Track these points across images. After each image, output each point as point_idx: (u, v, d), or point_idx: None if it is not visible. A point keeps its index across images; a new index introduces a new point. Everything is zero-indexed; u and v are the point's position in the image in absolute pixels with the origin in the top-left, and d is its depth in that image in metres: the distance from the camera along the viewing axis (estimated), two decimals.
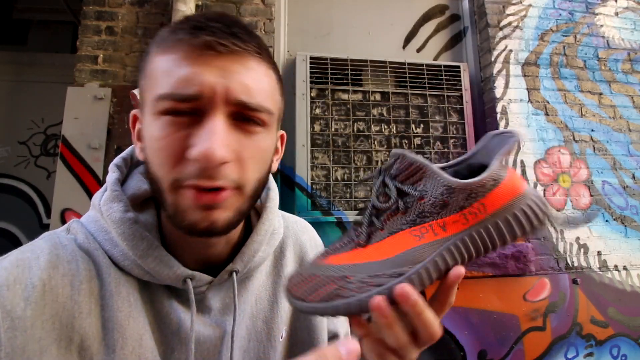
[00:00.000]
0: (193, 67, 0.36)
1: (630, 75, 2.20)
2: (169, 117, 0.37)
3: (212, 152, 0.35)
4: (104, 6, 1.77)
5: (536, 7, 2.16)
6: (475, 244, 0.33)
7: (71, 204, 1.55)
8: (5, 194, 2.38)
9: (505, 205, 0.33)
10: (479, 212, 0.33)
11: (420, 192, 0.34)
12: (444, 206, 0.34)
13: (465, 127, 1.99)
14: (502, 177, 0.34)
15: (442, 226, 0.34)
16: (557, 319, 1.78)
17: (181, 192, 0.37)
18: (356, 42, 2.08)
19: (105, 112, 1.65)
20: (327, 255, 0.37)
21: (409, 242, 0.34)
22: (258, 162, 0.41)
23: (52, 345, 0.35)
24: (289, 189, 1.81)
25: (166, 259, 0.41)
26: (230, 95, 0.37)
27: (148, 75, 0.40)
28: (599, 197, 1.99)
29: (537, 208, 0.34)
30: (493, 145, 0.37)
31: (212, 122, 0.36)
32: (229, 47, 0.37)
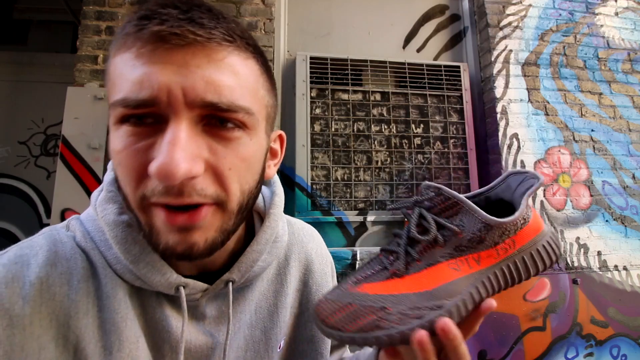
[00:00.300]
0: (145, 66, 0.31)
1: (630, 75, 2.20)
2: (127, 126, 0.32)
3: (171, 167, 0.29)
4: (104, 6, 1.76)
5: (536, 7, 2.16)
6: (504, 277, 0.37)
7: (71, 204, 1.55)
8: (5, 194, 2.38)
9: (529, 241, 0.37)
10: (509, 248, 0.37)
11: (459, 227, 0.36)
12: (481, 241, 0.36)
13: (465, 127, 1.99)
14: (529, 217, 0.38)
15: (477, 260, 0.36)
16: (557, 319, 1.78)
17: (151, 210, 0.33)
18: (356, 42, 2.08)
19: (105, 112, 1.65)
20: (360, 283, 0.37)
21: (447, 275, 0.35)
22: (241, 172, 0.35)
23: (51, 343, 0.34)
24: (289, 189, 1.80)
25: (159, 265, 0.38)
26: (192, 96, 0.31)
27: (107, 80, 0.35)
28: (599, 197, 1.99)
29: (553, 244, 0.39)
30: (512, 183, 0.40)
31: (171, 130, 0.31)
32: (186, 36, 0.30)
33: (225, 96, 0.32)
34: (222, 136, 0.34)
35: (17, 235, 2.36)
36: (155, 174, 0.30)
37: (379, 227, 1.84)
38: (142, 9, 0.32)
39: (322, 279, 0.55)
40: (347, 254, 1.62)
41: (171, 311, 0.41)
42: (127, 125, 0.32)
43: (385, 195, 1.88)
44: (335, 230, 1.79)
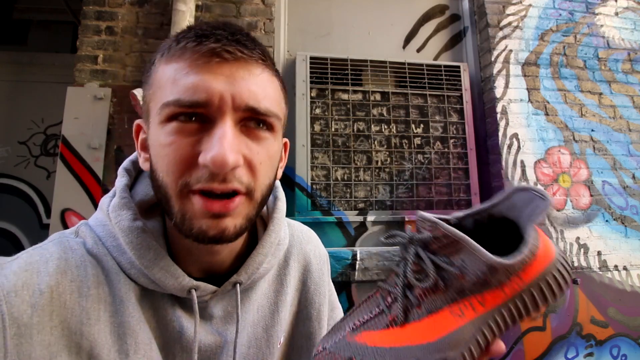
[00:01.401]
0: (200, 75, 0.36)
1: (630, 75, 2.20)
2: (176, 123, 0.37)
3: (224, 157, 0.34)
4: (104, 6, 1.76)
5: (536, 7, 2.16)
6: (511, 315, 0.34)
7: (71, 204, 1.55)
8: (5, 194, 2.39)
9: (539, 275, 0.34)
10: (517, 286, 0.33)
11: (460, 269, 0.33)
12: (485, 283, 0.33)
13: (465, 127, 1.99)
14: (537, 249, 0.34)
15: (482, 302, 0.33)
16: (557, 319, 1.78)
17: (190, 198, 0.37)
18: (356, 42, 2.08)
19: (105, 112, 1.65)
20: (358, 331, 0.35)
21: (450, 323, 0.33)
22: (268, 168, 0.41)
23: (63, 351, 0.35)
24: (289, 189, 1.81)
25: (172, 269, 0.41)
26: (238, 102, 0.37)
27: (153, 85, 0.40)
28: (599, 197, 1.99)
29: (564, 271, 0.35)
30: (518, 202, 0.37)
31: (222, 128, 0.36)
32: (235, 54, 0.37)
33: (262, 103, 0.39)
34: (256, 135, 0.40)
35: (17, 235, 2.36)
36: (211, 162, 0.35)
37: (379, 227, 1.84)
38: (198, 29, 0.39)
39: (320, 278, 0.58)
40: (347, 254, 1.63)
41: (181, 313, 0.43)
42: (176, 122, 0.37)
43: (385, 195, 1.88)
44: (335, 230, 1.79)
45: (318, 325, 0.55)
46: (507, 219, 0.38)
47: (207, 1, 1.83)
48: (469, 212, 0.39)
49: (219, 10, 1.83)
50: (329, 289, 0.61)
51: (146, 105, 0.42)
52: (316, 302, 0.56)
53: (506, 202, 0.38)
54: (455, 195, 1.92)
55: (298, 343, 0.53)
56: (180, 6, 1.65)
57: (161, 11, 1.79)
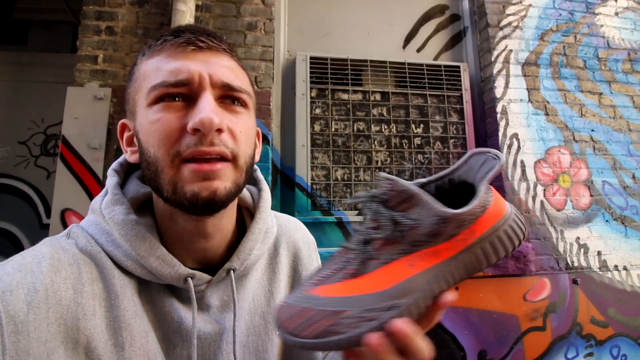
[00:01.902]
0: (179, 61, 0.42)
1: (630, 75, 2.20)
2: (163, 103, 0.41)
3: (211, 117, 0.39)
4: (104, 6, 1.76)
5: (536, 7, 2.16)
6: (464, 268, 0.35)
7: (71, 204, 1.55)
8: (5, 194, 2.38)
9: (490, 229, 0.35)
10: (468, 238, 0.34)
11: (414, 221, 0.34)
12: (437, 235, 0.34)
13: (465, 127, 1.99)
14: (488, 203, 0.35)
15: (434, 254, 0.34)
16: (557, 319, 1.78)
17: (180, 168, 0.40)
18: (356, 42, 2.08)
19: (105, 112, 1.65)
20: (318, 284, 0.36)
21: (403, 272, 0.34)
22: (247, 138, 0.45)
23: (60, 348, 0.36)
24: (289, 189, 1.81)
25: (168, 258, 0.42)
26: (215, 79, 0.42)
27: (138, 79, 0.44)
28: (599, 197, 1.99)
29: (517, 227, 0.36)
30: (475, 164, 0.38)
31: (204, 99, 0.41)
32: (207, 43, 0.43)
33: (235, 81, 0.44)
34: (232, 109, 0.44)
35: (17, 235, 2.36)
36: (199, 122, 0.38)
37: None
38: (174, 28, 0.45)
39: (309, 264, 0.61)
40: None
41: (179, 303, 0.44)
42: (162, 102, 0.41)
43: None
44: (335, 230, 1.79)
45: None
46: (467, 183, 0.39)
47: (207, 1, 1.82)
48: (431, 178, 0.41)
49: (219, 10, 1.83)
50: None
51: (131, 100, 0.45)
52: None
53: (464, 166, 0.39)
54: None
55: None
56: (180, 6, 1.65)
57: (161, 11, 1.79)
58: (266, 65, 1.81)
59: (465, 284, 1.71)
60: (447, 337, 1.67)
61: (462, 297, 1.71)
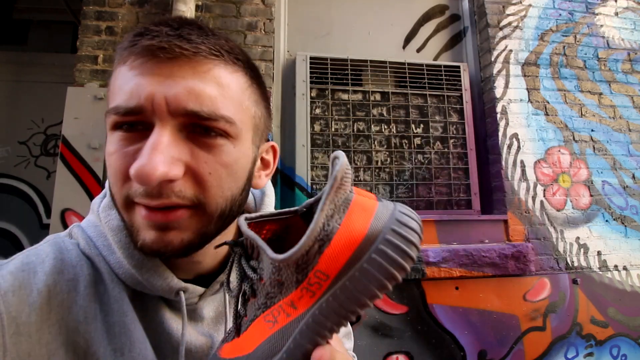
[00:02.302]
0: (136, 78, 0.34)
1: (630, 75, 2.21)
2: (118, 132, 0.35)
3: (148, 170, 0.31)
4: (104, 6, 1.76)
5: (536, 7, 2.16)
6: (331, 317, 0.26)
7: (71, 204, 1.55)
8: (5, 194, 2.38)
9: (346, 262, 0.26)
10: (321, 281, 0.27)
11: (260, 272, 0.30)
12: (281, 285, 0.29)
13: (465, 127, 1.99)
14: (333, 229, 0.27)
15: (291, 305, 0.28)
16: (557, 319, 1.78)
17: (133, 209, 0.36)
18: (356, 42, 2.08)
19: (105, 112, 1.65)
20: (222, 344, 0.34)
21: (264, 331, 0.29)
22: (222, 178, 0.36)
23: (60, 350, 0.35)
24: (289, 189, 1.81)
25: (160, 269, 0.40)
26: (174, 106, 0.33)
27: (108, 91, 0.39)
28: (599, 197, 1.99)
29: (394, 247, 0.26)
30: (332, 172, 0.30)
31: (154, 135, 0.33)
32: (173, 50, 0.33)
33: (206, 105, 0.34)
34: (205, 143, 0.35)
35: (17, 235, 2.36)
36: (134, 175, 0.32)
37: None
38: (139, 27, 0.35)
39: None
40: None
41: (170, 314, 0.43)
42: (120, 131, 0.35)
43: (385, 195, 1.88)
44: None
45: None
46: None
47: (207, 1, 1.83)
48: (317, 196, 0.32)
49: (219, 10, 1.83)
50: None
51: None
52: None
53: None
54: (455, 195, 1.92)
55: None
56: (180, 6, 1.65)
57: (161, 11, 1.79)
58: (266, 65, 1.81)
59: (465, 284, 1.71)
60: (447, 337, 1.67)
61: (462, 297, 1.71)
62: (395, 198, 1.87)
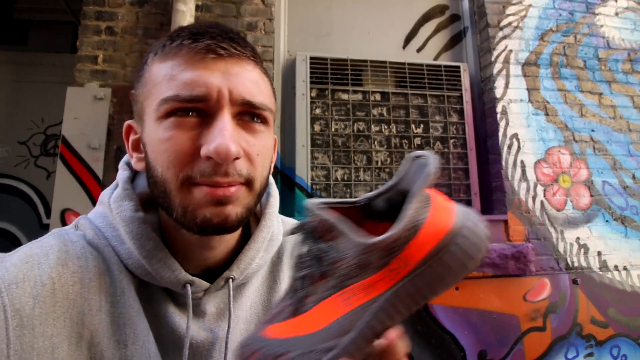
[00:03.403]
0: (196, 71, 0.38)
1: (630, 75, 2.20)
2: (175, 118, 0.38)
3: (228, 147, 0.36)
4: (104, 6, 1.76)
5: (536, 7, 2.16)
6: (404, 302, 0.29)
7: (71, 204, 1.55)
8: (5, 194, 2.38)
9: (430, 252, 0.29)
10: (402, 267, 0.29)
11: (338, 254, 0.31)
12: (362, 267, 0.30)
13: (465, 127, 1.99)
14: (420, 222, 0.29)
15: (368, 287, 0.30)
16: (557, 319, 1.78)
17: (191, 190, 0.38)
18: (356, 42, 2.08)
19: (105, 112, 1.65)
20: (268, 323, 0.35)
21: (338, 310, 0.31)
22: (264, 160, 0.42)
23: (64, 342, 0.35)
24: (289, 189, 1.81)
25: (170, 261, 0.41)
26: (235, 95, 0.38)
27: (147, 84, 0.40)
28: (599, 197, 1.99)
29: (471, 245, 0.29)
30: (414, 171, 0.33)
31: (222, 121, 0.37)
32: (229, 50, 0.38)
33: (257, 97, 0.40)
34: (252, 128, 0.41)
35: (17, 236, 2.36)
36: (214, 152, 0.36)
37: None
38: (191, 28, 0.40)
39: None
40: None
41: (174, 308, 0.43)
42: (174, 117, 0.38)
43: None
44: None
45: None
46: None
47: (207, 1, 1.83)
48: (381, 190, 0.35)
49: (219, 10, 1.83)
50: None
51: (139, 104, 0.42)
52: None
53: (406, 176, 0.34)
54: (455, 195, 1.92)
55: None
56: (180, 6, 1.65)
57: (161, 11, 1.79)
58: (266, 65, 1.80)
59: (465, 284, 1.71)
60: (447, 337, 1.67)
61: (462, 297, 1.71)
62: None
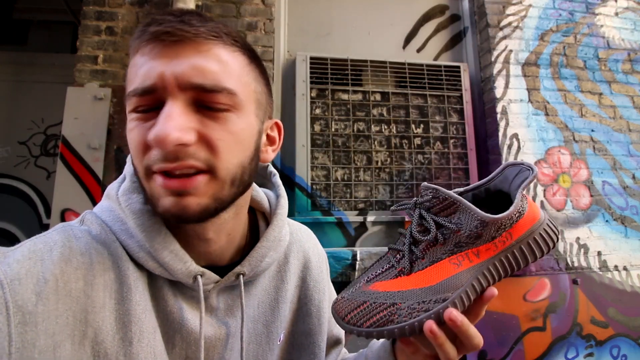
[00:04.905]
0: (149, 62, 0.38)
1: (630, 76, 2.20)
2: (137, 113, 0.39)
3: (165, 134, 0.35)
4: (104, 6, 1.76)
5: (536, 7, 2.16)
6: (503, 267, 0.40)
7: (71, 204, 1.55)
8: (5, 194, 2.39)
9: (526, 232, 0.40)
10: (507, 240, 0.39)
11: (457, 225, 0.39)
12: (478, 237, 0.39)
13: (465, 127, 1.99)
14: (524, 209, 0.40)
15: (476, 254, 0.39)
16: (557, 319, 1.78)
17: (153, 178, 0.38)
18: (356, 42, 2.08)
19: (105, 112, 1.65)
20: (371, 282, 0.41)
21: (449, 270, 0.39)
22: (231, 145, 0.40)
23: (67, 341, 0.35)
24: (289, 189, 1.80)
25: (180, 253, 0.41)
26: (181, 80, 0.37)
27: (127, 80, 0.42)
28: (599, 197, 1.99)
29: (550, 231, 0.41)
30: (509, 175, 0.43)
31: (167, 108, 0.37)
32: (176, 34, 0.37)
33: (209, 79, 0.38)
34: (211, 115, 0.39)
35: (17, 236, 2.36)
36: (153, 140, 0.35)
37: (379, 228, 1.84)
38: (147, 19, 0.40)
39: (319, 275, 0.59)
40: (347, 254, 1.62)
41: (183, 303, 0.43)
42: (137, 113, 0.39)
43: (385, 195, 1.88)
44: (335, 231, 1.79)
45: (318, 322, 0.55)
46: (502, 192, 0.44)
47: (207, 1, 1.83)
48: (468, 187, 0.45)
49: (219, 10, 1.83)
50: (328, 287, 0.61)
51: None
52: (315, 299, 0.56)
53: (499, 177, 0.44)
54: None
55: (298, 340, 0.54)
56: (180, 6, 1.65)
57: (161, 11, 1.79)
58: (266, 65, 1.80)
59: None
60: None
61: None
62: (396, 198, 1.87)
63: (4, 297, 0.32)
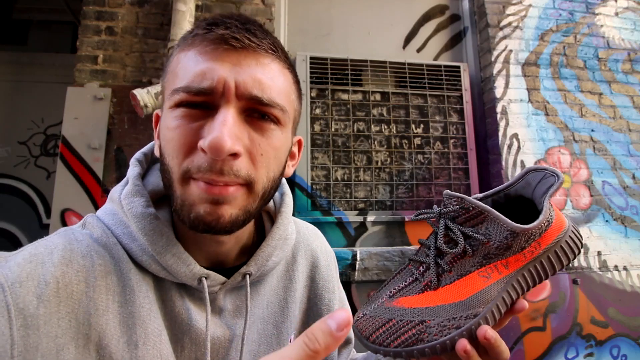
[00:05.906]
0: (207, 62, 0.37)
1: (630, 75, 2.20)
2: (183, 108, 0.38)
3: (221, 142, 0.34)
4: (104, 6, 1.76)
5: (536, 7, 2.16)
6: (532, 277, 0.39)
7: (71, 204, 1.55)
8: (5, 194, 2.39)
9: (553, 240, 0.39)
10: (535, 250, 0.38)
11: (485, 236, 0.37)
12: (508, 248, 0.37)
13: (465, 127, 1.99)
14: (552, 218, 0.39)
15: (505, 265, 0.38)
16: (557, 319, 1.78)
17: (190, 184, 0.38)
18: (356, 42, 2.08)
19: (105, 112, 1.65)
20: (395, 297, 0.39)
21: (478, 284, 0.37)
22: (270, 160, 0.40)
23: (70, 344, 0.34)
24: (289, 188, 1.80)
25: (184, 256, 0.41)
26: (241, 90, 0.37)
27: (169, 73, 0.42)
28: (599, 197, 1.99)
29: (575, 238, 0.40)
30: (532, 181, 0.42)
31: (222, 114, 0.37)
32: (243, 41, 0.37)
33: (267, 93, 0.39)
34: (259, 126, 0.39)
35: (17, 236, 2.36)
36: (207, 146, 0.35)
37: (379, 227, 1.84)
38: (210, 18, 0.40)
39: (328, 274, 0.58)
40: (347, 254, 1.62)
41: (191, 304, 0.42)
42: (183, 107, 0.38)
43: (385, 195, 1.88)
44: (335, 231, 1.79)
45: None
46: (523, 197, 0.43)
47: (207, 1, 1.82)
48: (488, 193, 0.44)
49: (219, 10, 1.83)
50: (338, 286, 0.60)
51: (163, 92, 0.43)
52: (325, 298, 0.56)
53: (521, 182, 0.43)
54: None
55: None
56: (180, 6, 1.65)
57: (161, 11, 1.79)
58: None
59: None
60: None
61: None
62: (396, 198, 1.87)
63: (5, 300, 0.32)
